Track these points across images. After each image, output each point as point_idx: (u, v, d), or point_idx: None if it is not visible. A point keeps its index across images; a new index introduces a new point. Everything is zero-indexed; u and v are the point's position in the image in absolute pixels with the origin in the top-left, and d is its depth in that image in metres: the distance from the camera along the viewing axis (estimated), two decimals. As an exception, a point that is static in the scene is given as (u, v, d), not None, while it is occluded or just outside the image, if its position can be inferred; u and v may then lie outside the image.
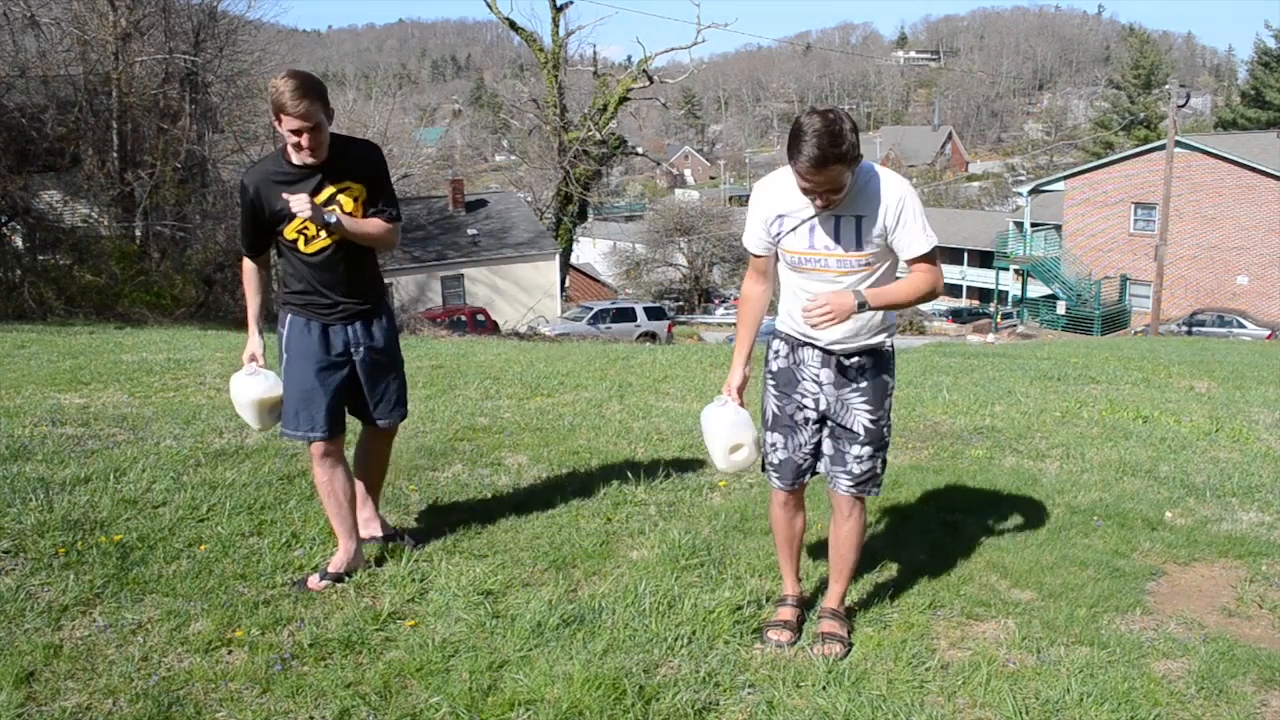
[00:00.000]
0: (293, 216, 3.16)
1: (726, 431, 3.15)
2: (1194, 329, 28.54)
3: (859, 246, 2.82)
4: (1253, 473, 5.57)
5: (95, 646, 2.87)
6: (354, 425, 3.57)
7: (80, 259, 16.19)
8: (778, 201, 2.89)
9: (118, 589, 3.21)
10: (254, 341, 3.44)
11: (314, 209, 3.15)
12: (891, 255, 2.89)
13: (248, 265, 3.42)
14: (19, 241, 16.53)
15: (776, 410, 3.13)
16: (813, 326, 2.79)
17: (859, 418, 3.00)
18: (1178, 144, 29.29)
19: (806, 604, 3.33)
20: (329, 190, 3.19)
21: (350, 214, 3.22)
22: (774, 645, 3.08)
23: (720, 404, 3.17)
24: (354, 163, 3.24)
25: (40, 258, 16.42)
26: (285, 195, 3.15)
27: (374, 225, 3.31)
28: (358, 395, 3.44)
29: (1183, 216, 31.27)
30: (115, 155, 17.19)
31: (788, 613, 3.23)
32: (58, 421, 5.29)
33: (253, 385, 3.41)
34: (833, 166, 2.61)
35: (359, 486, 3.64)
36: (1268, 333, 27.67)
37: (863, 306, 2.79)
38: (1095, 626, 3.30)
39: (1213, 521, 4.58)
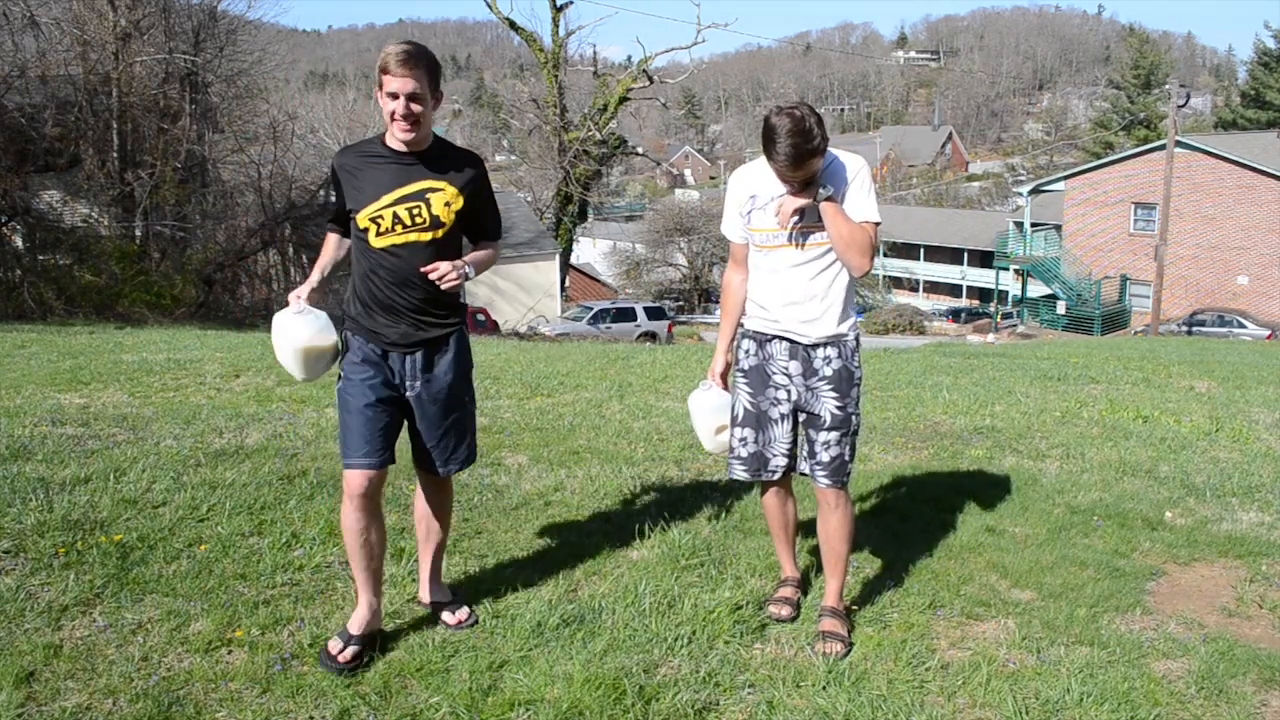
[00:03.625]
0: (368, 202, 2.86)
1: (711, 414, 3.31)
2: (1194, 329, 28.54)
3: (819, 219, 2.98)
4: (1253, 473, 5.57)
5: (95, 646, 2.86)
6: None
7: (80, 259, 16.18)
8: (751, 184, 3.07)
9: (118, 589, 3.21)
10: (309, 282, 3.03)
11: (459, 272, 2.86)
12: None
13: (329, 235, 3.16)
14: (19, 241, 16.52)
15: (749, 405, 3.20)
16: (785, 227, 2.97)
17: (827, 405, 3.10)
18: (1178, 144, 29.29)
19: (805, 587, 3.45)
20: (421, 184, 2.87)
21: (438, 217, 2.88)
22: (774, 619, 3.23)
23: (705, 389, 3.32)
24: (454, 166, 2.92)
25: (40, 258, 16.41)
26: (429, 270, 2.84)
27: (488, 255, 3.07)
28: (415, 436, 3.04)
29: (1183, 216, 31.26)
30: (115, 155, 17.19)
31: (788, 590, 3.37)
32: (58, 421, 5.28)
33: (301, 327, 2.95)
34: (808, 162, 2.83)
35: (419, 545, 3.28)
36: (1268, 333, 27.67)
37: (829, 196, 2.92)
38: (1095, 626, 3.30)
39: (1213, 521, 4.58)
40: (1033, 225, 37.79)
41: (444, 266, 2.84)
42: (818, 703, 2.72)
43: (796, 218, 2.97)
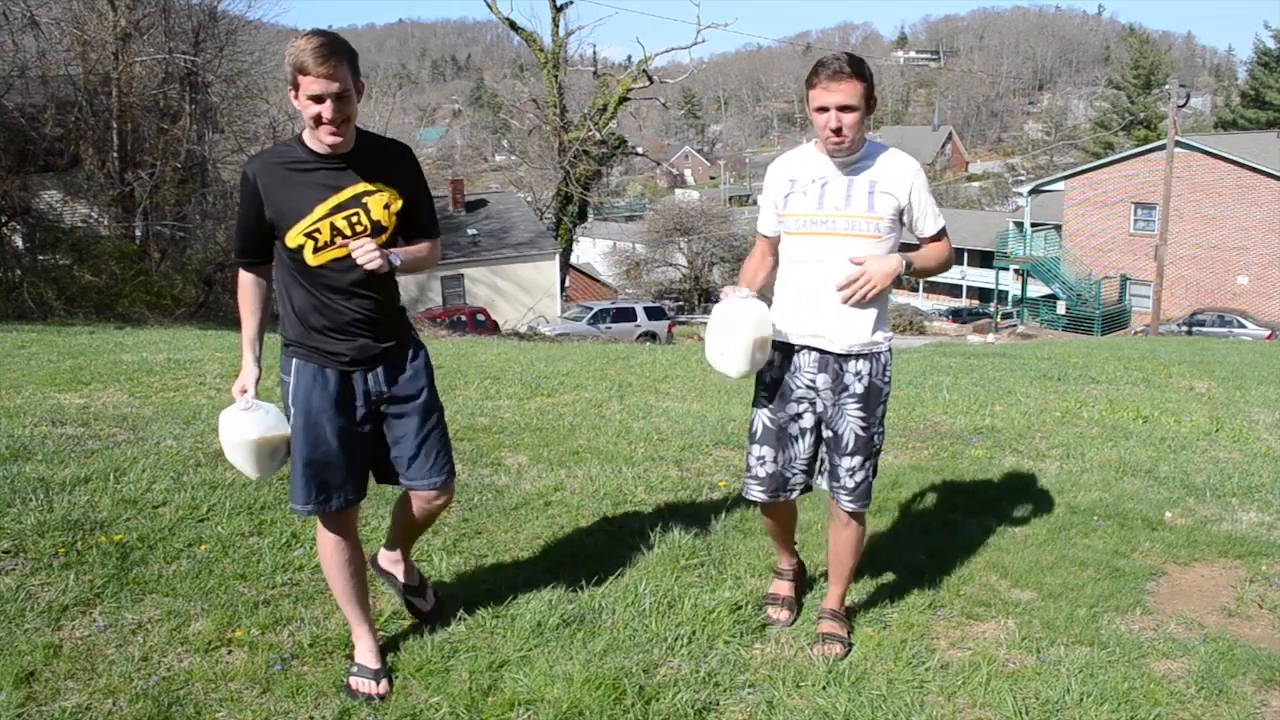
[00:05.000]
0: (298, 218, 2.56)
1: (755, 325, 2.84)
2: (1194, 329, 28.53)
3: (871, 208, 2.83)
4: (1253, 473, 5.57)
5: (95, 646, 2.86)
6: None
7: (80, 259, 16.19)
8: (790, 170, 2.93)
9: (118, 589, 3.20)
10: (249, 370, 2.73)
11: (383, 255, 2.57)
12: (898, 232, 2.90)
13: (244, 278, 2.73)
14: (19, 241, 16.53)
15: (768, 422, 3.00)
16: (849, 301, 2.81)
17: (851, 424, 2.94)
18: (1178, 144, 29.28)
19: (802, 581, 3.41)
20: (355, 189, 2.59)
21: (378, 222, 2.62)
22: (772, 621, 3.16)
23: (743, 296, 2.89)
24: (387, 163, 2.66)
25: (40, 258, 16.41)
26: (320, 203, 2.56)
27: (424, 250, 2.78)
28: (384, 455, 2.83)
29: (1183, 216, 31.26)
30: (115, 155, 17.19)
31: (784, 587, 3.31)
32: (58, 421, 5.28)
33: (249, 424, 2.65)
34: (851, 79, 2.70)
35: (403, 535, 3.08)
36: (1268, 333, 27.66)
37: (909, 268, 2.84)
38: (1095, 626, 3.30)
39: (1213, 521, 4.58)
40: (1033, 225, 37.79)
41: (365, 242, 2.57)
42: (818, 703, 2.72)
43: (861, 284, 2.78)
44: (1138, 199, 34.05)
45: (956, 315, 43.07)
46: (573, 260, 37.71)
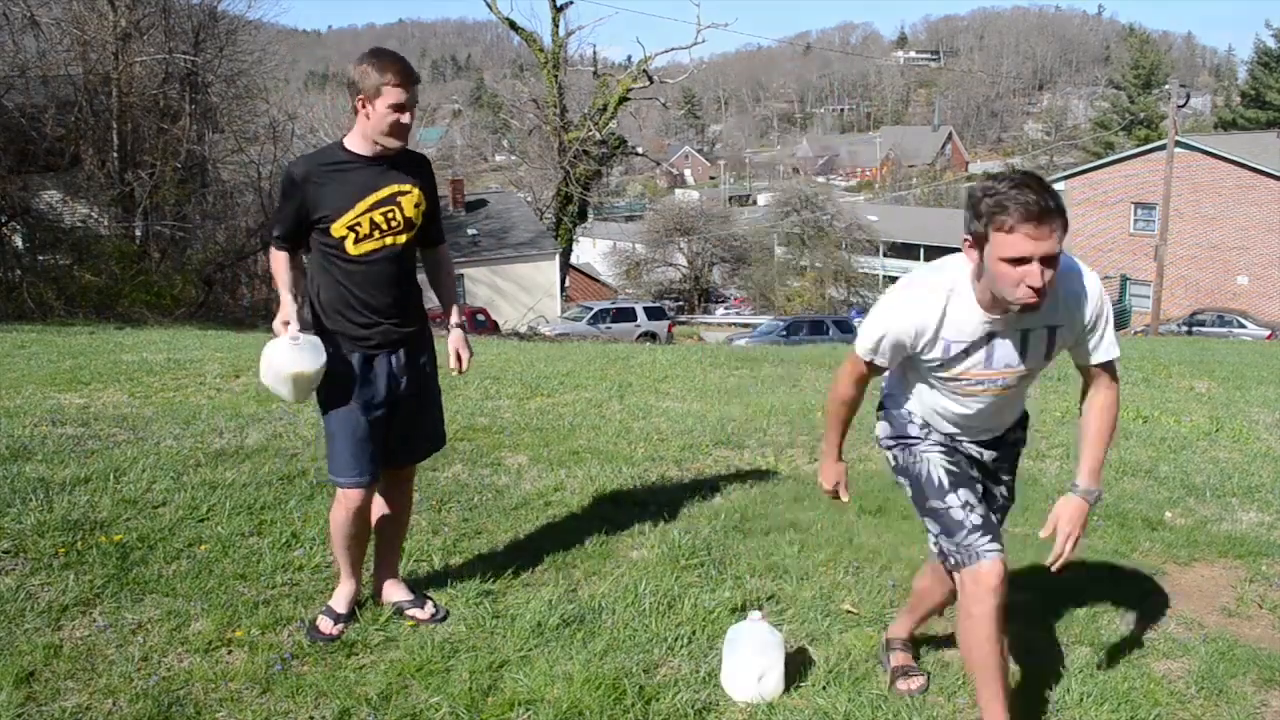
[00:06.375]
0: (342, 212, 2.85)
1: (755, 656, 2.73)
2: (1194, 329, 28.54)
3: (1047, 358, 2.46)
4: (1253, 473, 5.57)
5: (95, 646, 2.86)
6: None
7: (80, 259, 16.17)
8: (932, 323, 2.35)
9: (118, 589, 3.20)
10: (289, 305, 2.94)
11: (465, 346, 3.13)
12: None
13: (279, 255, 2.98)
14: (19, 241, 16.52)
15: (950, 467, 2.56)
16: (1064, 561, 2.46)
17: (1000, 488, 2.74)
18: (1178, 144, 29.28)
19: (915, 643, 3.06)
20: (390, 188, 2.90)
21: (410, 219, 2.94)
22: (906, 694, 2.79)
23: (753, 620, 2.80)
24: (414, 166, 2.99)
25: (40, 258, 16.40)
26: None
27: (450, 267, 3.25)
28: (391, 432, 3.06)
29: (1183, 216, 31.25)
30: (115, 155, 17.18)
31: (905, 656, 2.95)
32: (58, 421, 5.28)
33: (298, 357, 2.86)
34: (1059, 217, 2.18)
35: (377, 544, 3.27)
36: (1268, 333, 27.66)
37: (1098, 499, 2.52)
38: (1095, 626, 3.30)
39: (1213, 521, 4.58)
40: (1033, 225, 37.74)
41: (463, 355, 3.12)
42: (818, 703, 2.72)
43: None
44: (1138, 199, 34.05)
45: (957, 315, 43.03)
46: (573, 260, 37.71)
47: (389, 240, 2.91)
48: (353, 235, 2.88)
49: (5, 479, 4.10)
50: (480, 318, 26.17)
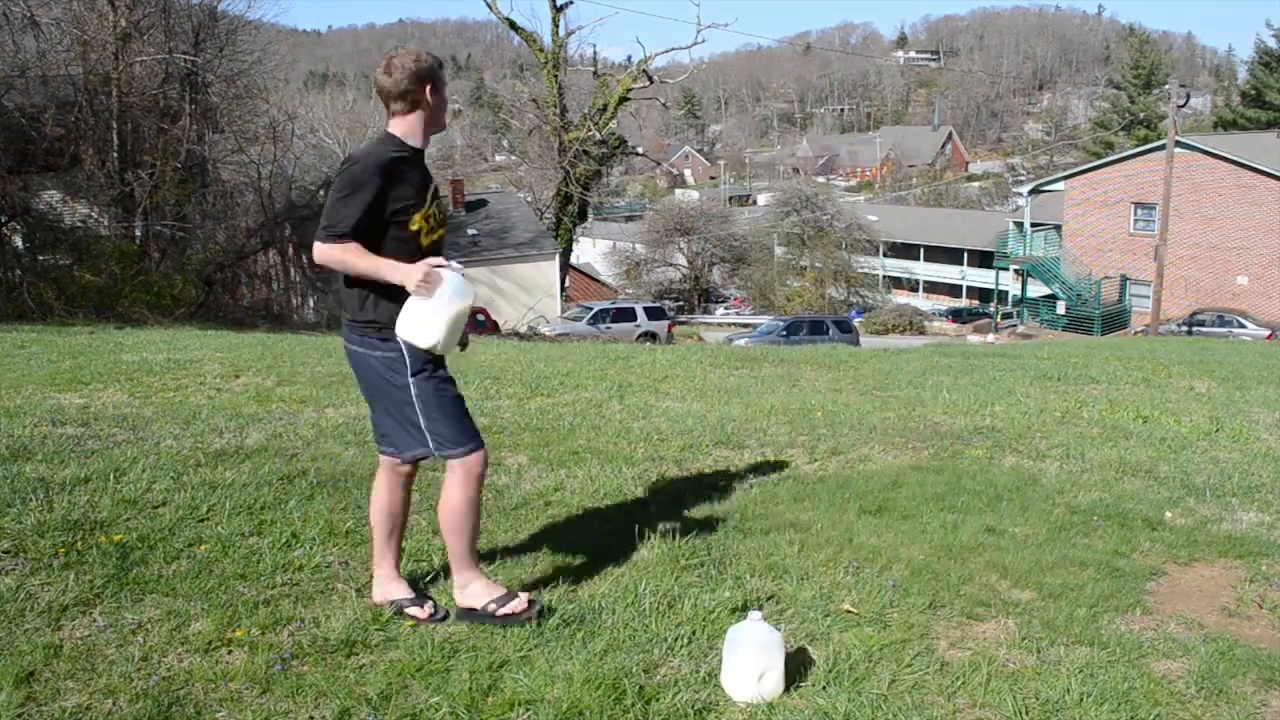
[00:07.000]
0: (419, 206, 2.94)
1: (755, 656, 2.75)
2: (1194, 329, 28.54)
3: None
4: (1253, 473, 5.57)
5: (95, 646, 2.86)
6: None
7: (80, 259, 16.17)
8: None
9: (118, 589, 3.20)
10: (422, 262, 2.90)
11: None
12: None
13: (349, 244, 2.87)
14: (19, 241, 16.52)
15: None
16: None
17: None
18: (1178, 144, 29.29)
19: None
20: (435, 182, 3.08)
21: (448, 210, 3.19)
22: None
23: (753, 620, 2.82)
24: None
25: (40, 258, 16.40)
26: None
27: None
28: None
29: (1183, 216, 31.26)
30: (115, 155, 17.18)
31: None
32: (58, 421, 5.28)
33: (466, 293, 2.94)
34: None
35: (389, 531, 3.24)
36: (1268, 333, 27.66)
37: None
38: (1095, 626, 3.30)
39: (1213, 521, 4.58)
40: (1033, 225, 37.80)
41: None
42: (818, 703, 2.72)
43: None
44: (1138, 199, 34.05)
45: (956, 315, 43.10)
46: (573, 260, 37.72)
47: (442, 232, 3.05)
48: (425, 227, 2.98)
49: (5, 479, 4.10)
50: (480, 318, 26.16)
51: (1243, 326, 28.50)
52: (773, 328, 29.06)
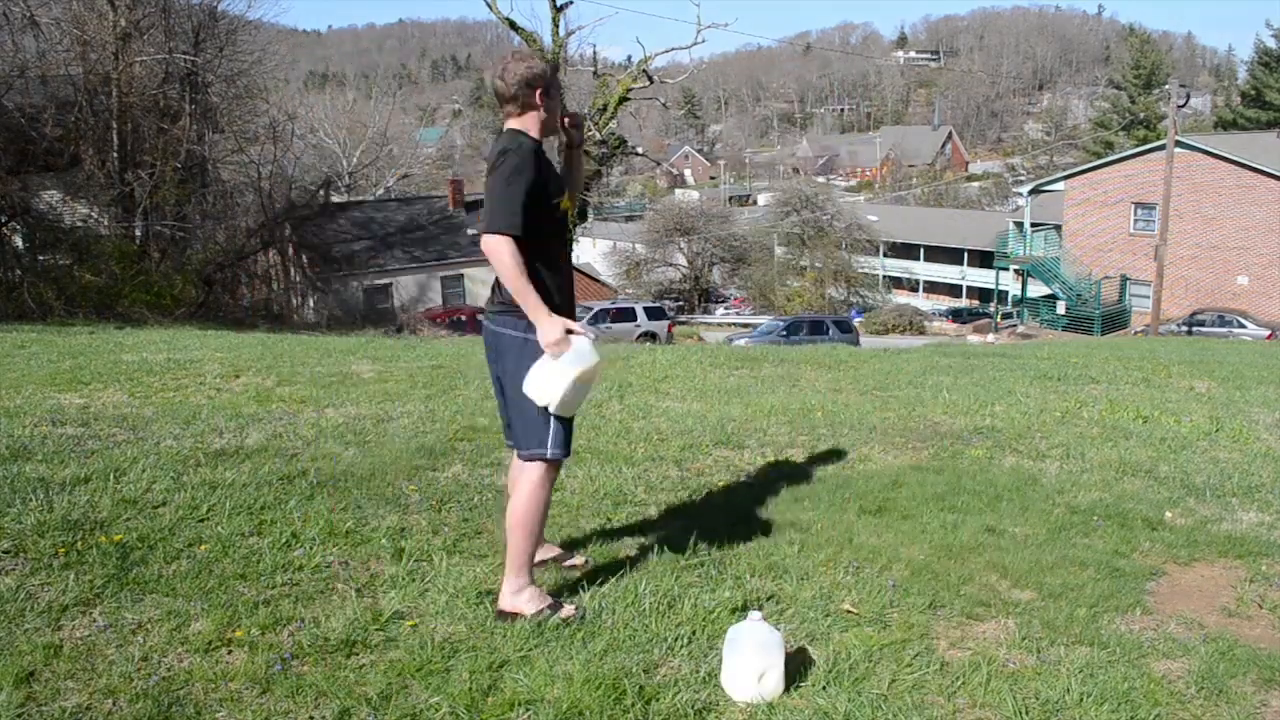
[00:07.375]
0: (563, 190, 3.12)
1: (755, 656, 2.74)
2: (1194, 329, 28.53)
3: None
4: (1253, 473, 5.57)
5: (95, 646, 2.86)
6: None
7: (80, 259, 16.18)
8: None
9: (118, 589, 3.20)
10: (562, 319, 2.99)
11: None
12: None
13: (515, 250, 2.90)
14: (19, 241, 16.53)
15: None
16: None
17: None
18: (1178, 144, 29.28)
19: None
20: None
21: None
22: None
23: (753, 620, 2.81)
24: None
25: (40, 258, 16.42)
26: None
27: None
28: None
29: (1183, 216, 31.26)
30: (115, 155, 17.19)
31: None
32: (58, 421, 5.28)
33: (591, 358, 3.03)
34: None
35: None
36: (1268, 333, 27.66)
37: None
38: (1095, 626, 3.30)
39: (1213, 521, 4.58)
40: (1033, 225, 37.80)
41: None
42: (818, 703, 2.72)
43: None
44: (1138, 199, 34.05)
45: (956, 315, 43.09)
46: (573, 260, 37.67)
47: (573, 206, 3.21)
48: (571, 207, 3.15)
49: (5, 479, 4.10)
50: (481, 318, 26.15)
51: (1243, 326, 28.50)
52: (773, 328, 29.07)
